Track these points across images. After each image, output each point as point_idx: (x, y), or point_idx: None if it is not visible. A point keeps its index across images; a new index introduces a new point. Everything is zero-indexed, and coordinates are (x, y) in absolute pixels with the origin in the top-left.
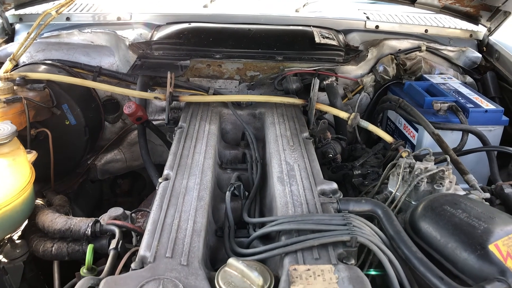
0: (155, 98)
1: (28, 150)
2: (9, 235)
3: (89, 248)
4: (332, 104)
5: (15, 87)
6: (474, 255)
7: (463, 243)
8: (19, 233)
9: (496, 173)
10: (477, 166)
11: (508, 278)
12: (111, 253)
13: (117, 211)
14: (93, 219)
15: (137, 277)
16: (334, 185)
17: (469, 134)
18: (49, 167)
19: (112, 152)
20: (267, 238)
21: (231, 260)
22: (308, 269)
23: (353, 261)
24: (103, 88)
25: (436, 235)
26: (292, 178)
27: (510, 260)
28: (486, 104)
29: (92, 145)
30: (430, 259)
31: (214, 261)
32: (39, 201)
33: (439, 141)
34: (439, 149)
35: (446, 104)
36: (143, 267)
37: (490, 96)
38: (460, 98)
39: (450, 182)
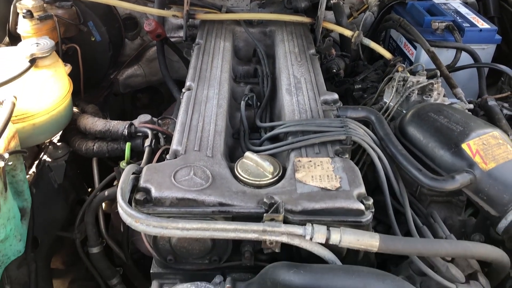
0: (173, 16)
1: (65, 63)
2: (49, 139)
3: (128, 145)
4: (338, 22)
5: (45, 5)
6: (449, 152)
7: (441, 142)
8: (58, 137)
9: (483, 88)
10: (469, 82)
11: (475, 170)
12: (147, 149)
13: (146, 117)
14: (128, 122)
15: (172, 164)
16: (335, 96)
17: (462, 52)
18: (77, 80)
19: (132, 67)
20: (275, 140)
21: (248, 153)
22: (310, 161)
23: (347, 156)
24: (125, 6)
25: (419, 137)
26: (298, 89)
27: (478, 156)
28: (482, 24)
29: (114, 60)
30: (414, 156)
31: (231, 159)
32: (75, 109)
33: (433, 58)
34: (434, 66)
35: (444, 24)
36: (176, 158)
37: (489, 15)
38: (458, 18)
39: (438, 94)
